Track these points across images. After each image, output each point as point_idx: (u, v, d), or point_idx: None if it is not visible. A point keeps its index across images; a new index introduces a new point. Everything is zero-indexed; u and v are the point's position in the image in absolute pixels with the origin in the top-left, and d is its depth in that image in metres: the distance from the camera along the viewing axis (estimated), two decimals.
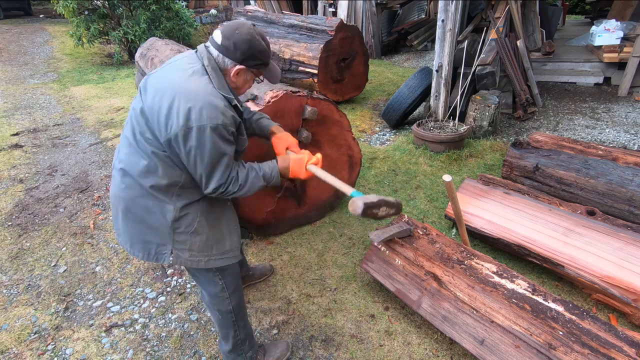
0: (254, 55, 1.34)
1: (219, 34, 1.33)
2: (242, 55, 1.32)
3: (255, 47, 1.33)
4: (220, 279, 1.53)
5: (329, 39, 4.70)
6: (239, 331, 1.65)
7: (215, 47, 1.34)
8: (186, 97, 1.22)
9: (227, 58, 1.32)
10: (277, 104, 2.22)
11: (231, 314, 1.60)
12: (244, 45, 1.31)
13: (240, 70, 1.35)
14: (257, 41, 1.34)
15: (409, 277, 1.99)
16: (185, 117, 1.20)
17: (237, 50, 1.31)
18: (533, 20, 5.32)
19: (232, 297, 1.58)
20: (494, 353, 1.61)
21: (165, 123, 1.23)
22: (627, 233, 2.10)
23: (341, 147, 2.70)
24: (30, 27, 10.82)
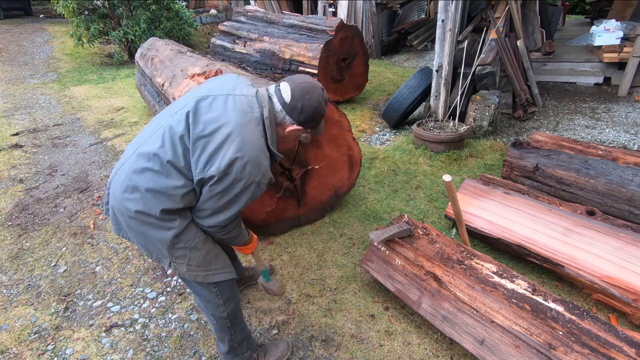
0: (315, 120, 1.36)
1: (288, 91, 1.32)
2: (305, 119, 1.33)
3: (319, 113, 1.35)
4: (214, 287, 1.50)
5: (329, 39, 4.70)
6: (235, 335, 1.64)
7: (281, 103, 1.32)
8: (238, 145, 1.20)
9: (289, 117, 1.33)
10: None
11: (226, 320, 1.57)
12: (310, 111, 1.32)
13: (296, 130, 1.37)
14: (323, 108, 1.35)
15: (409, 277, 1.99)
16: (227, 165, 1.19)
17: (302, 113, 1.32)
18: (533, 20, 5.32)
19: (227, 304, 1.55)
20: (494, 353, 1.61)
21: (206, 161, 1.20)
22: (627, 233, 2.10)
23: (341, 147, 2.70)
24: (30, 27, 10.82)
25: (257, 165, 1.23)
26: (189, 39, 8.56)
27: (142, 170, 1.26)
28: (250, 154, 1.21)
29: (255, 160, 1.22)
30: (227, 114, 1.25)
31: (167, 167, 1.24)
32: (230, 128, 1.21)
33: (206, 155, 1.20)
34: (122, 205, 1.30)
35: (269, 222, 2.57)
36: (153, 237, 1.31)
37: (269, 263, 2.39)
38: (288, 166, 2.51)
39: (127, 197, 1.28)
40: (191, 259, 1.37)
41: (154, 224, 1.28)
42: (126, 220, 1.32)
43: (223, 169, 1.18)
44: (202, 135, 1.22)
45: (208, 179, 1.21)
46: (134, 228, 1.32)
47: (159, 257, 1.37)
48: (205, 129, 1.22)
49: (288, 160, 2.48)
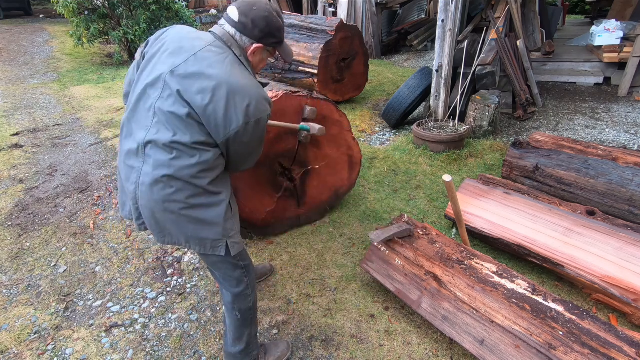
0: (272, 33, 1.31)
1: (235, 11, 1.28)
2: (261, 33, 1.29)
3: (273, 24, 1.29)
4: (245, 276, 1.54)
5: (329, 39, 4.70)
6: (254, 328, 1.67)
7: (231, 24, 1.29)
8: (240, 94, 1.22)
9: (245, 36, 1.29)
10: (277, 104, 2.22)
11: (250, 311, 1.61)
12: (262, 23, 1.27)
13: (257, 49, 1.33)
14: (275, 18, 1.30)
15: (409, 277, 1.99)
16: (244, 114, 1.23)
17: (255, 27, 1.27)
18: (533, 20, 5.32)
19: (253, 294, 1.60)
20: (494, 353, 1.61)
21: (224, 124, 1.23)
22: (627, 233, 2.10)
23: (341, 147, 2.70)
24: (30, 27, 10.82)
25: (262, 100, 1.27)
26: None
27: (169, 162, 1.25)
28: (254, 94, 1.25)
29: (261, 96, 1.26)
30: (211, 74, 1.23)
31: (192, 147, 1.25)
32: (224, 87, 1.21)
33: (220, 119, 1.22)
34: (166, 202, 1.28)
35: (269, 222, 2.57)
36: (208, 219, 1.33)
37: (269, 264, 2.39)
38: (288, 166, 2.51)
39: (169, 191, 1.26)
40: (235, 224, 1.43)
41: (204, 204, 1.31)
42: (175, 218, 1.30)
43: (243, 120, 1.23)
44: (206, 105, 1.21)
45: (234, 135, 1.25)
46: (185, 221, 1.31)
47: (213, 244, 1.37)
48: (204, 97, 1.21)
49: (288, 160, 2.48)
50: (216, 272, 1.55)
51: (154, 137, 1.25)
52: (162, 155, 1.25)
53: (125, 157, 1.34)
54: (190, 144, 1.24)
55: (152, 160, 1.26)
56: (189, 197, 1.28)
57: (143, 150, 1.28)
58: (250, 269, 1.58)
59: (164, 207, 1.29)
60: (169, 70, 1.25)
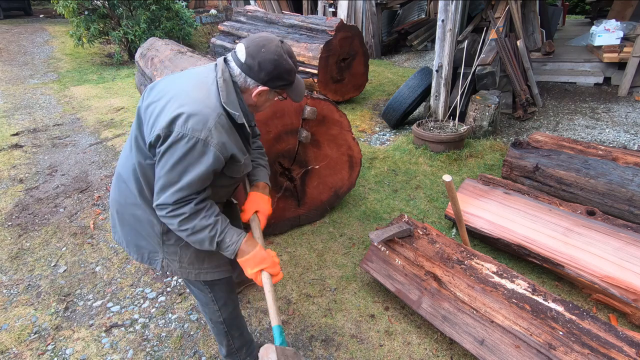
0: (280, 76, 1.22)
1: (242, 50, 1.20)
2: (267, 76, 1.20)
3: (282, 67, 1.20)
4: (209, 291, 1.47)
5: (329, 39, 4.70)
6: (233, 341, 1.63)
7: (237, 64, 1.21)
8: (181, 101, 1.14)
9: (250, 78, 1.21)
10: (277, 104, 2.22)
11: (222, 324, 1.57)
12: (269, 66, 1.18)
13: (262, 92, 1.25)
14: (285, 61, 1.20)
15: (409, 277, 1.99)
16: (170, 121, 1.11)
17: (261, 71, 1.19)
18: (533, 20, 5.32)
19: (223, 309, 1.53)
20: (494, 353, 1.61)
21: (152, 124, 1.16)
22: (627, 233, 2.10)
23: (341, 147, 2.70)
24: (30, 27, 10.82)
25: (201, 120, 1.11)
26: (189, 39, 8.56)
27: (124, 159, 1.33)
28: (192, 109, 1.12)
29: (199, 114, 1.12)
30: (178, 82, 1.22)
31: (136, 144, 1.25)
32: (176, 92, 1.18)
33: (153, 118, 1.17)
34: (114, 200, 1.36)
35: (269, 222, 2.57)
36: (143, 232, 1.34)
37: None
38: (288, 166, 2.51)
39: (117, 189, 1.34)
40: (183, 256, 1.36)
41: (137, 216, 1.32)
42: (119, 217, 1.37)
43: (165, 126, 1.11)
44: (150, 103, 1.21)
45: (155, 140, 1.14)
46: (127, 223, 1.35)
47: (150, 255, 1.37)
48: (155, 97, 1.21)
49: (288, 160, 2.48)
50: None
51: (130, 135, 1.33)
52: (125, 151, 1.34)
53: None
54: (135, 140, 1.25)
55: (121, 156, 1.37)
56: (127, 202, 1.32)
57: None
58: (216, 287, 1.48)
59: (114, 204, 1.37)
60: (162, 79, 1.30)
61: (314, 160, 2.60)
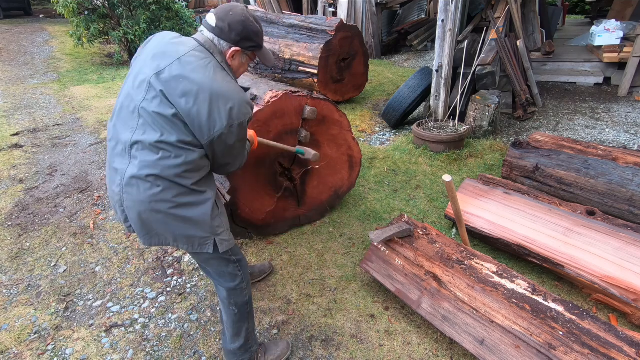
0: (249, 37, 1.36)
1: (212, 17, 1.34)
2: (237, 36, 1.33)
3: (249, 28, 1.35)
4: (239, 270, 1.57)
5: (329, 39, 4.70)
6: (251, 322, 1.68)
7: (209, 29, 1.34)
8: (223, 98, 1.26)
9: (222, 40, 1.34)
10: (277, 104, 2.22)
11: (247, 305, 1.63)
12: (238, 27, 1.32)
13: (235, 53, 1.37)
14: (251, 22, 1.35)
15: (409, 277, 1.99)
16: (228, 117, 1.26)
17: (232, 31, 1.32)
18: (533, 20, 5.32)
19: (247, 289, 1.62)
20: (494, 353, 1.61)
21: (208, 126, 1.26)
22: (627, 233, 2.10)
23: (341, 147, 2.70)
24: (30, 27, 10.82)
25: (244, 103, 1.31)
26: None
27: (155, 162, 1.26)
28: (235, 98, 1.28)
29: (241, 100, 1.30)
30: (194, 79, 1.26)
31: (177, 146, 1.27)
32: (207, 91, 1.25)
33: (204, 121, 1.25)
34: (152, 202, 1.29)
35: (269, 222, 2.57)
36: (194, 217, 1.35)
37: (269, 262, 2.39)
38: (288, 166, 2.51)
39: (156, 190, 1.28)
40: (223, 223, 1.46)
41: (190, 203, 1.34)
42: (162, 217, 1.32)
43: (226, 123, 1.27)
44: (190, 107, 1.25)
45: (218, 137, 1.28)
46: (172, 219, 1.33)
47: (201, 241, 1.39)
48: (189, 101, 1.25)
49: (288, 160, 2.48)
50: (209, 269, 1.56)
51: (140, 137, 1.27)
52: (148, 156, 1.27)
53: (111, 160, 1.37)
54: (176, 143, 1.26)
55: (137, 161, 1.28)
56: (175, 196, 1.31)
57: (129, 151, 1.30)
58: (244, 263, 1.61)
59: (150, 208, 1.30)
60: (153, 73, 1.28)
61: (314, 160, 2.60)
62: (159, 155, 1.26)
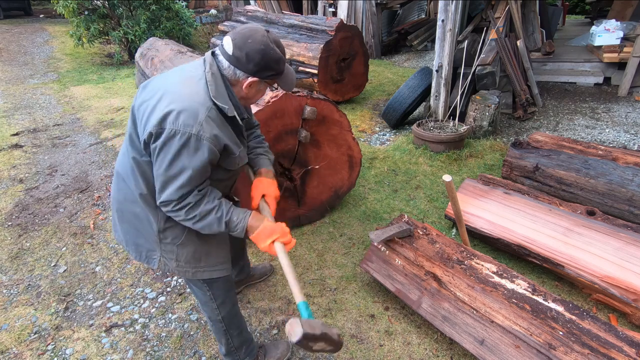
0: (269, 66, 1.22)
1: (229, 43, 1.21)
2: (256, 67, 1.21)
3: (269, 57, 1.21)
4: (208, 289, 1.49)
5: (329, 39, 4.70)
6: (232, 340, 1.64)
7: (225, 57, 1.22)
8: (171, 98, 1.16)
9: (239, 70, 1.22)
10: (277, 104, 2.22)
11: (221, 323, 1.58)
12: (257, 56, 1.19)
13: (252, 83, 1.25)
14: (272, 50, 1.21)
15: (409, 277, 1.99)
16: (161, 118, 1.13)
17: (249, 62, 1.20)
18: (533, 20, 5.32)
19: (221, 308, 1.55)
20: (494, 353, 1.61)
21: (145, 123, 1.18)
22: (627, 233, 2.10)
23: (341, 147, 2.70)
24: (30, 27, 10.82)
25: (191, 115, 1.14)
26: (189, 39, 8.55)
27: (121, 157, 1.35)
28: (182, 105, 1.14)
29: (189, 109, 1.14)
30: (168, 79, 1.24)
31: (131, 142, 1.27)
32: (166, 89, 1.20)
33: (145, 117, 1.19)
34: (115, 199, 1.39)
35: None
36: (141, 230, 1.36)
37: (269, 264, 2.39)
38: (288, 166, 2.51)
39: (117, 187, 1.37)
40: (179, 255, 1.38)
41: (141, 215, 1.33)
42: (119, 216, 1.40)
43: (157, 123, 1.14)
44: (143, 101, 1.23)
45: (148, 138, 1.17)
46: (127, 221, 1.39)
47: (148, 253, 1.39)
48: (147, 95, 1.23)
49: (288, 160, 2.48)
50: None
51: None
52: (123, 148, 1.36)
53: None
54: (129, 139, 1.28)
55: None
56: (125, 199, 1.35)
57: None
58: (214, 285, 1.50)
59: (115, 202, 1.40)
60: (154, 77, 1.32)
61: (314, 160, 2.60)
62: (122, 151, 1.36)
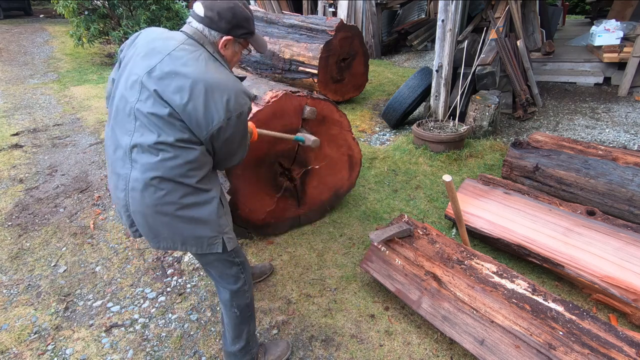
0: (240, 24, 1.30)
1: (200, 6, 1.28)
2: (228, 24, 1.28)
3: (239, 14, 1.29)
4: (242, 272, 1.56)
5: (329, 39, 4.70)
6: (252, 324, 1.68)
7: (198, 20, 1.28)
8: (218, 89, 1.22)
9: (213, 30, 1.29)
10: (277, 104, 2.22)
11: (248, 307, 1.62)
12: (228, 14, 1.27)
13: (227, 42, 1.32)
14: (240, 8, 1.29)
15: (409, 277, 1.99)
16: (225, 109, 1.23)
17: (221, 19, 1.27)
18: (533, 20, 5.32)
19: (249, 291, 1.62)
20: (494, 353, 1.61)
21: (205, 120, 1.22)
22: (627, 233, 2.10)
23: (341, 147, 2.70)
24: (30, 27, 10.82)
25: (242, 93, 1.27)
26: None
27: (156, 164, 1.24)
28: (230, 89, 1.24)
29: (237, 90, 1.26)
30: (186, 72, 1.23)
31: (177, 146, 1.24)
32: (201, 84, 1.21)
33: (201, 116, 1.22)
34: (158, 206, 1.28)
35: (269, 222, 2.57)
36: (203, 217, 1.35)
37: (269, 263, 2.39)
38: (288, 166, 2.51)
39: (160, 193, 1.27)
40: (228, 222, 1.46)
41: (196, 203, 1.32)
42: (169, 220, 1.31)
43: (224, 115, 1.23)
44: (185, 103, 1.21)
45: (217, 130, 1.25)
46: (179, 221, 1.32)
47: (210, 241, 1.39)
48: (183, 97, 1.21)
49: (288, 160, 2.48)
50: (212, 271, 1.55)
51: (138, 140, 1.25)
52: (148, 158, 1.25)
53: (113, 165, 1.35)
54: (175, 142, 1.24)
55: (139, 164, 1.26)
56: (181, 197, 1.29)
57: (130, 155, 1.28)
58: (246, 265, 1.60)
59: (156, 211, 1.29)
60: (144, 73, 1.24)
61: (314, 160, 2.60)
62: (159, 157, 1.24)
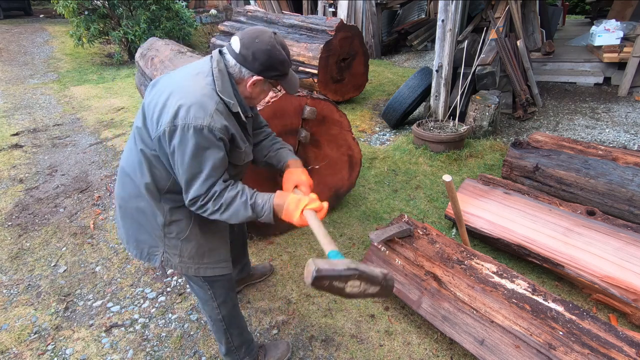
0: (273, 67, 1.27)
1: (237, 42, 1.26)
2: (261, 66, 1.25)
3: (275, 57, 1.25)
4: (209, 288, 1.50)
5: (329, 39, 4.70)
6: (232, 339, 1.64)
7: (232, 55, 1.27)
8: (179, 94, 1.20)
9: (245, 68, 1.26)
10: (277, 104, 2.22)
11: (222, 322, 1.59)
12: (263, 56, 1.24)
13: (257, 82, 1.29)
14: (278, 51, 1.26)
15: (409, 277, 1.99)
16: (173, 115, 1.18)
17: (255, 60, 1.24)
18: (533, 20, 5.32)
19: (222, 307, 1.55)
20: (494, 353, 1.61)
21: (157, 120, 1.22)
22: (627, 233, 2.10)
23: (341, 147, 2.70)
24: (30, 27, 10.82)
25: (201, 108, 1.18)
26: (189, 39, 8.55)
27: (126, 152, 1.38)
28: (192, 99, 1.19)
29: (198, 103, 1.18)
30: (176, 76, 1.29)
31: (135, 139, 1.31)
32: (174, 85, 1.25)
33: (156, 114, 1.23)
34: (117, 193, 1.40)
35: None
36: (145, 225, 1.36)
37: (269, 263, 2.39)
38: None
39: (123, 183, 1.37)
40: (183, 250, 1.39)
41: (146, 209, 1.34)
42: (122, 212, 1.40)
43: (170, 119, 1.18)
44: (152, 99, 1.27)
45: (162, 135, 1.20)
46: (129, 216, 1.38)
47: (150, 250, 1.39)
48: (156, 93, 1.27)
49: None
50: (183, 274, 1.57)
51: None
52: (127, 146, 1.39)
53: None
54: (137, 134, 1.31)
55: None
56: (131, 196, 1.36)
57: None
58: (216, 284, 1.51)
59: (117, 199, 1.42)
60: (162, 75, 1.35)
61: (314, 160, 2.60)
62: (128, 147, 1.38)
